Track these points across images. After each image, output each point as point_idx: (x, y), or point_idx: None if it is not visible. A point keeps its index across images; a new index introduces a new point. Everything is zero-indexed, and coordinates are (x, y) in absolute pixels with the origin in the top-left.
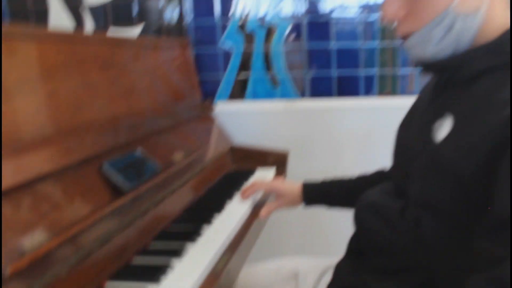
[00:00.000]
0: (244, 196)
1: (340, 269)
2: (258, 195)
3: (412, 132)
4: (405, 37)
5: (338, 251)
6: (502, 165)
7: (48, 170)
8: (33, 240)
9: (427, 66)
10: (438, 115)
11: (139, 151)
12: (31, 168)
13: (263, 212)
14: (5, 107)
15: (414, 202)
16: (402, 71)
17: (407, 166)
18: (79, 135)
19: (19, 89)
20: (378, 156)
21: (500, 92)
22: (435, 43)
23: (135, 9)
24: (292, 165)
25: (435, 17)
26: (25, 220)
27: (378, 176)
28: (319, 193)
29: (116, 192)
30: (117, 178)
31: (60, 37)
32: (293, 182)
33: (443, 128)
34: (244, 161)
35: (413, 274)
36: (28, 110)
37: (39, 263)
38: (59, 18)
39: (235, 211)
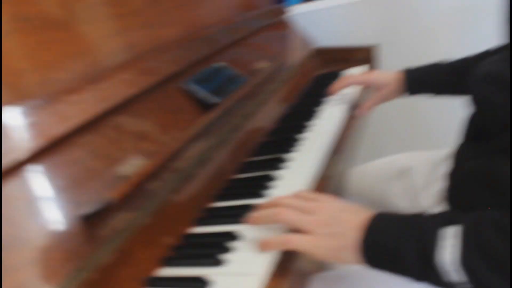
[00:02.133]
0: (335, 90)
1: (462, 154)
2: (354, 95)
3: None
4: None
5: (449, 143)
6: None
7: (131, 93)
8: (130, 166)
9: None
10: None
11: (220, 63)
12: (114, 94)
13: (365, 107)
14: (74, 34)
15: None
16: None
17: None
18: (155, 55)
19: (88, 15)
20: (482, 36)
21: None
22: None
23: None
24: (383, 59)
25: None
26: (117, 148)
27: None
28: (425, 79)
29: (204, 107)
30: (203, 93)
31: None
32: (390, 72)
33: None
34: (330, 64)
35: None
36: (99, 35)
37: (143, 187)
38: None
39: (332, 114)
